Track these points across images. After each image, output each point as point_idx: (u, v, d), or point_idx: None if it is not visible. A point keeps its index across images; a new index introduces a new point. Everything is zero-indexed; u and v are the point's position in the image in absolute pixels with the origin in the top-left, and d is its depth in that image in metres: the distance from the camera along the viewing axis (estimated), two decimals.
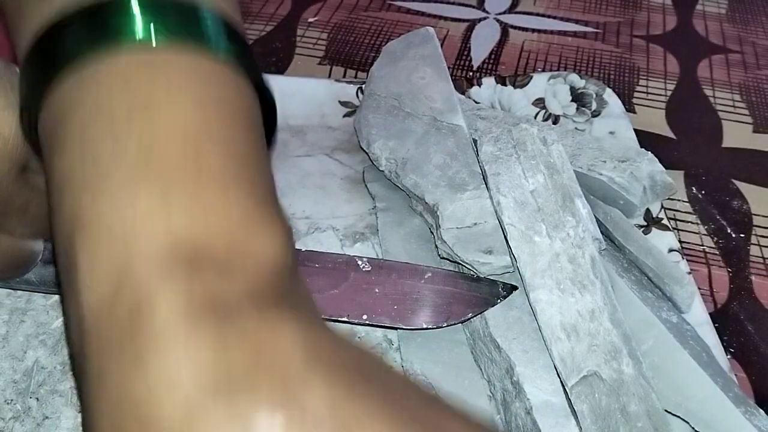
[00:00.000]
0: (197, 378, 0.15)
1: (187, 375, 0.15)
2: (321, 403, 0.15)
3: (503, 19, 0.60)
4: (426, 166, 0.36)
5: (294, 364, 0.16)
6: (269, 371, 0.16)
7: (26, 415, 0.30)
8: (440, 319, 0.31)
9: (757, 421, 0.26)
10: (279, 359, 0.16)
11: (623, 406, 0.26)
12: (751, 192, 0.43)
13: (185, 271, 0.17)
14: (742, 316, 0.36)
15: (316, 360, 0.16)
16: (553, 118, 0.45)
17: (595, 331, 0.28)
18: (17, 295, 0.34)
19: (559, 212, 0.31)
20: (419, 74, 0.41)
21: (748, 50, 0.57)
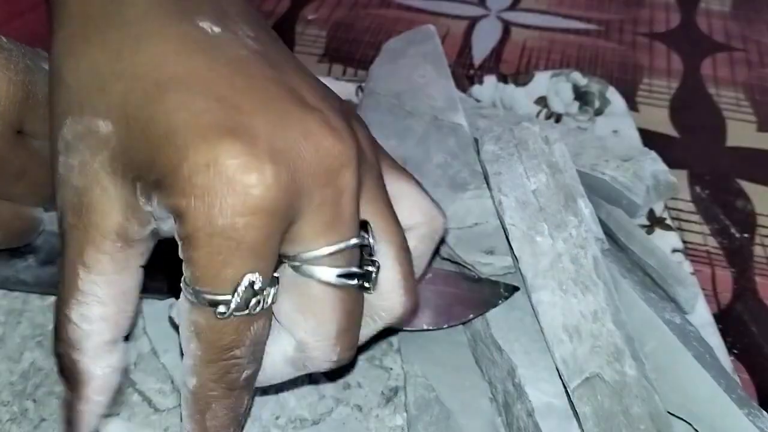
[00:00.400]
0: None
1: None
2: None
3: (505, 17, 0.60)
4: (427, 165, 0.36)
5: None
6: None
7: (23, 417, 0.30)
8: (441, 320, 0.31)
9: (760, 422, 0.26)
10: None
11: (626, 408, 0.26)
12: (756, 191, 0.43)
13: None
14: (746, 317, 0.36)
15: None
16: (556, 117, 0.45)
17: (598, 332, 0.28)
18: (14, 296, 0.34)
19: (561, 212, 0.31)
20: (420, 72, 0.41)
21: (752, 48, 0.57)
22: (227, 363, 0.22)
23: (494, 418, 0.29)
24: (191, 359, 0.22)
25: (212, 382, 0.22)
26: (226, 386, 0.22)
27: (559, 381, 0.28)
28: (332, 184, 0.21)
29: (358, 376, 0.31)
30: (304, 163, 0.20)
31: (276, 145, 0.20)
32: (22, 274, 0.32)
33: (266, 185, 0.19)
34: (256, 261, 0.20)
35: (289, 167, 0.20)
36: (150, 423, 0.29)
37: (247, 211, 0.19)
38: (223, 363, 0.22)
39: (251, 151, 0.19)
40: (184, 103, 0.20)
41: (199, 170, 0.19)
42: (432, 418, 0.29)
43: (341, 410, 0.30)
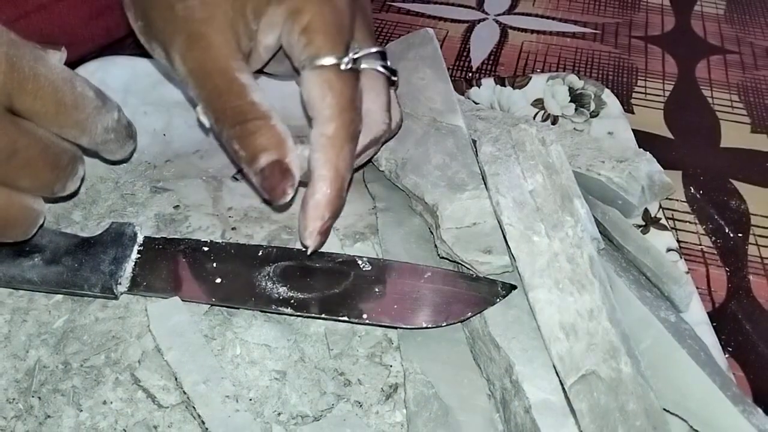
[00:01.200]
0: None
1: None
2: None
3: (502, 20, 0.61)
4: (425, 166, 0.36)
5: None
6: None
7: (28, 414, 0.30)
8: (440, 318, 0.31)
9: (755, 419, 0.27)
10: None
11: (622, 405, 0.27)
12: (749, 192, 0.43)
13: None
14: (740, 316, 0.36)
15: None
16: (552, 119, 0.46)
17: (594, 330, 0.28)
18: (19, 294, 0.34)
19: (557, 212, 0.31)
20: (419, 75, 0.41)
21: (746, 51, 0.57)
22: (353, 115, 0.31)
23: (492, 415, 0.30)
24: (328, 109, 0.31)
25: (344, 128, 0.31)
26: (351, 134, 0.32)
27: (555, 378, 0.28)
28: (367, 9, 0.36)
29: (359, 373, 0.32)
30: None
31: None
32: (28, 273, 0.32)
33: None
34: (350, 36, 0.32)
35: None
36: (154, 419, 0.30)
37: (344, 4, 0.32)
38: (350, 114, 0.31)
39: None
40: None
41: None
42: (431, 415, 0.29)
43: (342, 407, 0.30)
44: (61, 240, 0.34)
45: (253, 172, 0.31)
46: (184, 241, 0.35)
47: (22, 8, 0.44)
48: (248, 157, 0.30)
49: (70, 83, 0.30)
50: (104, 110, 0.32)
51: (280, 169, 0.30)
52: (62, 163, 0.31)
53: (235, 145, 0.30)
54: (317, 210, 0.32)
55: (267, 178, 0.30)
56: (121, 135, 0.34)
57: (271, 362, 0.31)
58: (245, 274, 0.33)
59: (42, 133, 0.30)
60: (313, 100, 0.31)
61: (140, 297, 0.34)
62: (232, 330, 0.32)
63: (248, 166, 0.31)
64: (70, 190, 0.33)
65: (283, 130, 0.31)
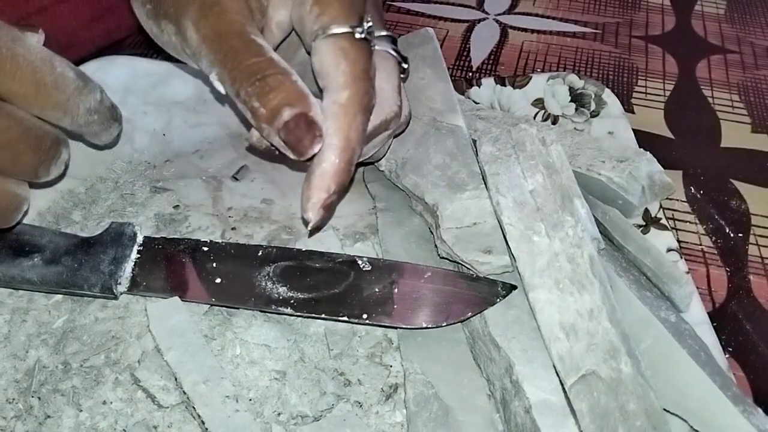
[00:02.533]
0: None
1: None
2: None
3: (503, 20, 0.61)
4: (426, 166, 0.36)
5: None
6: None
7: (28, 414, 0.30)
8: (440, 318, 0.31)
9: (755, 419, 0.27)
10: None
11: (622, 405, 0.27)
12: (750, 192, 0.43)
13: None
14: (740, 316, 0.36)
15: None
16: (552, 119, 0.46)
17: (594, 330, 0.28)
18: (19, 294, 0.34)
19: (558, 212, 0.31)
20: (419, 75, 0.41)
21: (746, 50, 0.57)
22: (367, 85, 0.31)
23: (492, 415, 0.30)
24: (342, 77, 0.30)
25: (358, 96, 0.30)
26: (365, 105, 0.31)
27: (555, 378, 0.28)
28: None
29: (359, 373, 0.32)
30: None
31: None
32: (28, 273, 0.32)
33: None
34: (363, 9, 0.32)
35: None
36: (153, 419, 0.30)
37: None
38: (364, 83, 0.31)
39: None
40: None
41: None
42: (431, 415, 0.29)
43: (342, 407, 0.30)
44: (60, 240, 0.34)
45: (276, 128, 0.29)
46: (184, 241, 0.35)
47: (23, 10, 0.44)
48: (269, 114, 0.29)
49: (49, 63, 0.30)
50: (86, 90, 0.32)
51: (306, 120, 0.29)
52: (44, 145, 0.31)
53: (254, 102, 0.29)
54: (323, 180, 0.31)
55: (292, 131, 0.29)
56: (105, 117, 0.34)
57: (271, 362, 0.31)
58: (245, 274, 0.33)
59: (23, 115, 0.30)
60: (326, 68, 0.31)
61: (140, 297, 0.34)
62: (232, 330, 0.32)
63: (269, 123, 0.30)
64: (54, 175, 0.32)
65: (303, 85, 0.30)
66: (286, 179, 0.41)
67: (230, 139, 0.44)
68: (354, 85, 0.31)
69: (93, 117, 0.33)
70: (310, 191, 0.31)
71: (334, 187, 0.31)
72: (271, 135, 0.30)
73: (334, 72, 0.31)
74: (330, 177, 0.31)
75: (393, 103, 0.33)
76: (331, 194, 0.31)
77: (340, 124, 0.30)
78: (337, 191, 0.31)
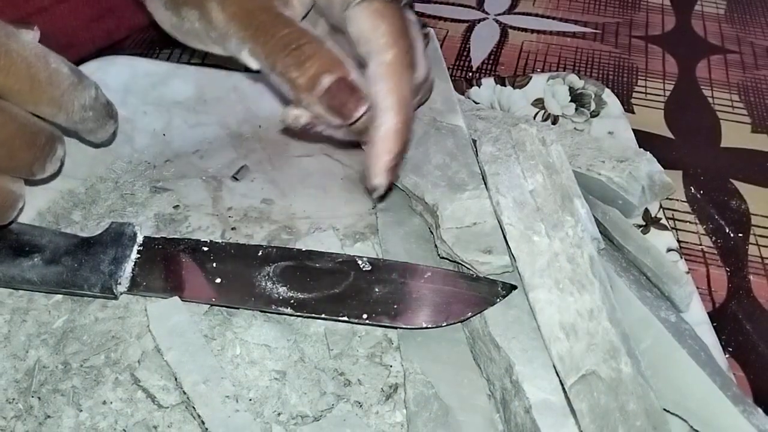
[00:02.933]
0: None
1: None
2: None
3: (502, 20, 0.61)
4: (426, 166, 0.36)
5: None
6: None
7: (28, 414, 0.30)
8: (440, 318, 0.31)
9: (755, 419, 0.27)
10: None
11: (622, 405, 0.27)
12: (750, 192, 0.43)
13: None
14: (740, 316, 0.36)
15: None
16: (552, 119, 0.46)
17: (594, 330, 0.28)
18: (19, 294, 0.34)
19: (558, 212, 0.31)
20: None
21: (746, 50, 0.57)
22: (408, 42, 0.31)
23: (492, 415, 0.30)
24: (383, 37, 0.30)
25: (403, 54, 0.31)
26: (409, 62, 0.31)
27: (555, 378, 0.28)
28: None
29: (359, 373, 0.32)
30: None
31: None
32: (28, 273, 0.32)
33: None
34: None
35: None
36: (153, 419, 0.30)
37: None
38: (406, 41, 0.31)
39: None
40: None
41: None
42: (431, 415, 0.29)
43: (342, 407, 0.30)
44: (60, 240, 0.34)
45: (316, 95, 0.29)
46: (183, 241, 0.35)
47: (23, 10, 0.44)
48: (308, 82, 0.29)
49: (43, 59, 0.30)
50: (80, 87, 0.32)
51: (347, 84, 0.29)
52: (40, 142, 0.31)
53: (292, 72, 0.29)
54: (386, 142, 0.31)
55: (335, 95, 0.29)
56: (100, 113, 0.34)
57: (271, 362, 0.31)
58: (245, 274, 0.33)
59: (17, 111, 0.30)
60: (366, 32, 0.31)
61: (140, 297, 0.34)
62: (232, 330, 0.32)
63: (310, 91, 0.29)
64: (49, 172, 0.32)
65: (339, 51, 0.30)
66: (286, 179, 0.41)
67: (230, 139, 0.44)
68: (397, 43, 0.31)
69: (88, 113, 0.33)
70: (374, 158, 0.31)
71: (397, 148, 0.31)
72: (312, 104, 0.30)
73: (374, 35, 0.31)
74: (392, 138, 0.31)
75: (423, 65, 0.34)
76: (394, 155, 0.31)
77: (391, 84, 0.30)
78: (401, 150, 0.31)
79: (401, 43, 0.31)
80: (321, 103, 0.30)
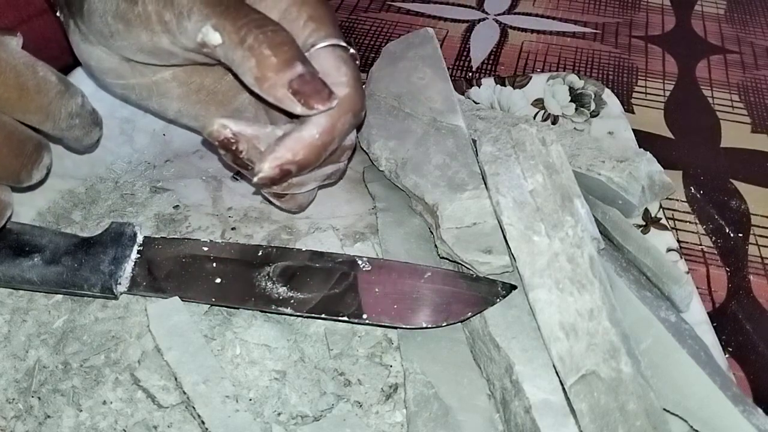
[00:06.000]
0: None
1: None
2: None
3: (502, 20, 0.61)
4: (426, 166, 0.36)
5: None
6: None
7: (28, 414, 0.30)
8: (440, 318, 0.31)
9: (755, 419, 0.26)
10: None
11: (622, 405, 0.27)
12: (750, 192, 0.43)
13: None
14: (740, 316, 0.36)
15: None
16: (552, 119, 0.46)
17: (594, 330, 0.28)
18: (19, 294, 0.34)
19: (557, 212, 0.31)
20: (419, 75, 0.41)
21: (746, 50, 0.57)
22: (362, 92, 0.32)
23: (492, 415, 0.30)
24: (344, 77, 0.31)
25: (355, 96, 0.31)
26: (358, 109, 0.32)
27: (555, 378, 0.28)
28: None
29: (359, 373, 0.32)
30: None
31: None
32: (28, 273, 0.32)
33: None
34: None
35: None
36: (153, 419, 0.30)
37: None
38: (361, 90, 0.32)
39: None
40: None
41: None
42: (431, 415, 0.29)
43: (342, 407, 0.30)
44: (60, 240, 0.34)
45: (287, 77, 0.29)
46: (183, 241, 0.35)
47: (24, 12, 0.44)
48: (281, 63, 0.29)
49: (32, 68, 0.30)
50: (68, 95, 0.32)
51: (320, 78, 0.30)
52: (27, 150, 0.31)
53: (265, 50, 0.28)
54: (296, 144, 0.30)
55: (308, 82, 0.29)
56: (86, 121, 0.34)
57: (271, 362, 0.31)
58: (245, 274, 0.33)
59: (5, 119, 0.30)
60: (326, 69, 0.31)
61: (140, 297, 0.34)
62: (232, 330, 0.32)
63: (279, 73, 0.29)
64: (36, 179, 0.32)
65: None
66: None
67: None
68: (354, 85, 0.31)
69: (74, 121, 0.33)
70: (278, 147, 0.30)
71: (300, 157, 0.30)
72: (275, 86, 0.29)
73: (335, 73, 0.31)
74: (303, 145, 0.30)
75: (353, 135, 0.34)
76: (295, 161, 0.30)
77: (332, 111, 0.30)
78: (301, 164, 0.31)
79: (358, 88, 0.31)
80: (289, 87, 0.29)
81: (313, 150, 0.31)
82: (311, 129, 0.30)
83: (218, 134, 0.31)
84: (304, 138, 0.30)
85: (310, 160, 0.31)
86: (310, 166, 0.31)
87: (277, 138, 0.31)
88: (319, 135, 0.30)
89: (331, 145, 0.31)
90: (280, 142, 0.30)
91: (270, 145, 0.31)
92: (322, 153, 0.31)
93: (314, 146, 0.30)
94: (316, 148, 0.31)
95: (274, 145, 0.30)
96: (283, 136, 0.31)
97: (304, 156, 0.30)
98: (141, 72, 0.34)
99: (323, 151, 0.31)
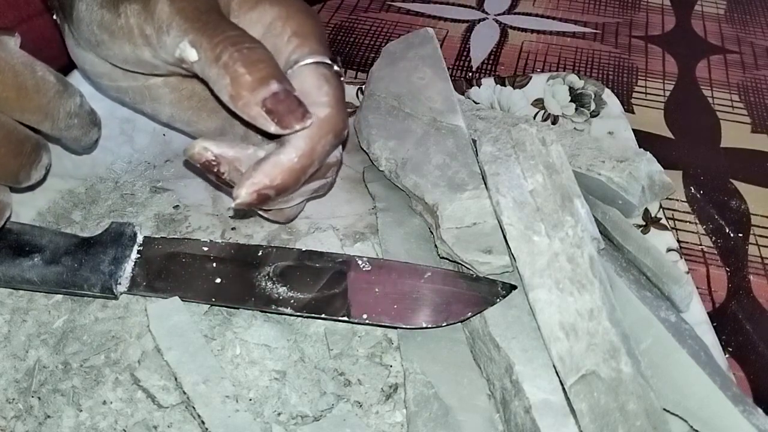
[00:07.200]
0: None
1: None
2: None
3: (502, 20, 0.61)
4: (426, 166, 0.36)
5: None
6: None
7: (28, 414, 0.30)
8: (440, 318, 0.31)
9: (755, 419, 0.26)
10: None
11: (622, 405, 0.27)
12: (750, 191, 0.43)
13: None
14: (740, 316, 0.36)
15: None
16: (552, 119, 0.46)
17: (594, 330, 0.28)
18: (19, 294, 0.34)
19: (558, 212, 0.31)
20: (419, 75, 0.41)
21: (746, 50, 0.57)
22: (344, 113, 0.32)
23: (492, 415, 0.30)
24: (325, 97, 0.31)
25: (337, 117, 0.31)
26: (339, 130, 0.31)
27: (555, 378, 0.28)
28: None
29: (359, 374, 0.32)
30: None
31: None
32: (28, 273, 0.32)
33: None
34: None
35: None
36: (153, 419, 0.30)
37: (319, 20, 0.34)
38: (343, 110, 0.32)
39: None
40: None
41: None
42: (431, 415, 0.29)
43: (342, 407, 0.30)
44: (60, 240, 0.34)
45: (261, 96, 0.28)
46: (183, 240, 0.35)
47: (23, 12, 0.44)
48: (255, 81, 0.28)
49: (30, 67, 0.30)
50: (66, 95, 0.32)
51: (295, 97, 0.29)
52: (25, 150, 0.31)
53: (240, 68, 0.28)
54: (274, 168, 0.30)
55: (282, 101, 0.29)
56: (85, 121, 0.34)
57: (271, 362, 0.31)
58: (245, 274, 0.33)
59: (4, 119, 0.30)
60: (308, 88, 0.31)
61: (140, 297, 0.34)
62: (232, 330, 0.32)
63: (253, 92, 0.28)
64: (35, 179, 0.33)
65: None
66: None
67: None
68: (335, 106, 0.31)
69: (73, 121, 0.33)
70: (255, 172, 0.30)
71: (279, 181, 0.30)
72: (249, 105, 0.29)
73: (317, 93, 0.31)
74: (281, 170, 0.30)
75: (338, 151, 0.34)
76: (272, 185, 0.30)
77: (312, 133, 0.30)
78: (279, 188, 0.30)
79: (340, 108, 0.31)
80: (263, 106, 0.29)
81: (292, 174, 0.30)
82: (290, 152, 0.30)
83: (200, 157, 0.31)
84: (282, 162, 0.30)
85: (288, 185, 0.30)
86: (288, 190, 0.31)
87: (256, 161, 0.30)
88: (297, 158, 0.30)
89: (311, 167, 0.31)
90: (258, 166, 0.30)
91: (248, 169, 0.30)
92: (300, 177, 0.31)
93: (293, 170, 0.30)
94: (294, 172, 0.30)
95: (251, 170, 0.30)
96: (261, 160, 0.30)
97: (282, 181, 0.30)
98: (133, 76, 0.35)
99: (302, 175, 0.31)
